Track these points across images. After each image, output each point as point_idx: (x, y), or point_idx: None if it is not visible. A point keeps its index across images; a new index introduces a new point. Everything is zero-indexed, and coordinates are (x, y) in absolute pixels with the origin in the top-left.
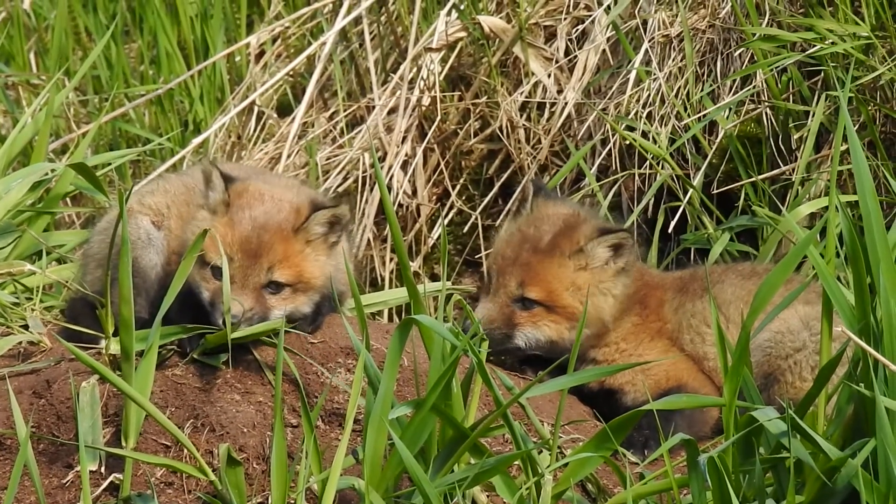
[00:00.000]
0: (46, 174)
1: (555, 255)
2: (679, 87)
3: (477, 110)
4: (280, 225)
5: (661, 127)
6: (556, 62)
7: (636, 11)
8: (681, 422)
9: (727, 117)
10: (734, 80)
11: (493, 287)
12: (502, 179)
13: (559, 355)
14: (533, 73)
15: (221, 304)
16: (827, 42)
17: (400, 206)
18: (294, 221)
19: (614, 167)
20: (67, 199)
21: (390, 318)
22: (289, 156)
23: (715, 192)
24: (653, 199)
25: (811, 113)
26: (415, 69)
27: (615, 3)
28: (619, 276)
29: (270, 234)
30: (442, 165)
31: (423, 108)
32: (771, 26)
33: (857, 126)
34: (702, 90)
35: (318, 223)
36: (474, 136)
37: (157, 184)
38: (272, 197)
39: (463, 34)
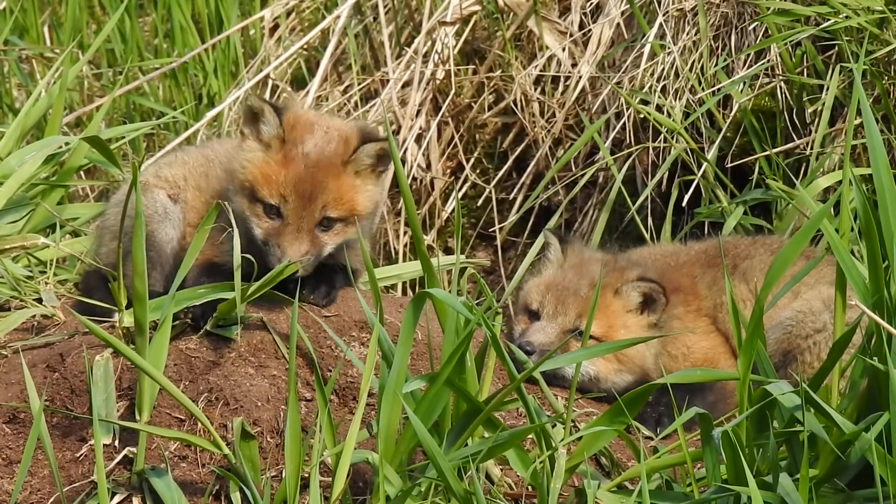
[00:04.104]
0: (60, 147)
1: (607, 292)
2: (693, 61)
3: (491, 84)
4: (331, 160)
5: (675, 101)
6: (571, 36)
7: None
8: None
9: (741, 91)
10: (748, 54)
11: (547, 312)
12: (516, 153)
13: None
14: (547, 47)
15: (276, 247)
16: (841, 16)
17: (414, 179)
18: (343, 154)
19: (628, 141)
20: (81, 173)
21: (404, 292)
22: None
23: (729, 165)
24: (667, 172)
25: (825, 87)
26: (429, 43)
27: None
28: (651, 329)
29: (324, 173)
30: (456, 139)
31: (438, 82)
32: (785, 0)
33: (871, 100)
34: (716, 64)
35: (367, 154)
36: (488, 110)
37: (174, 156)
38: (322, 126)
39: (477, 8)
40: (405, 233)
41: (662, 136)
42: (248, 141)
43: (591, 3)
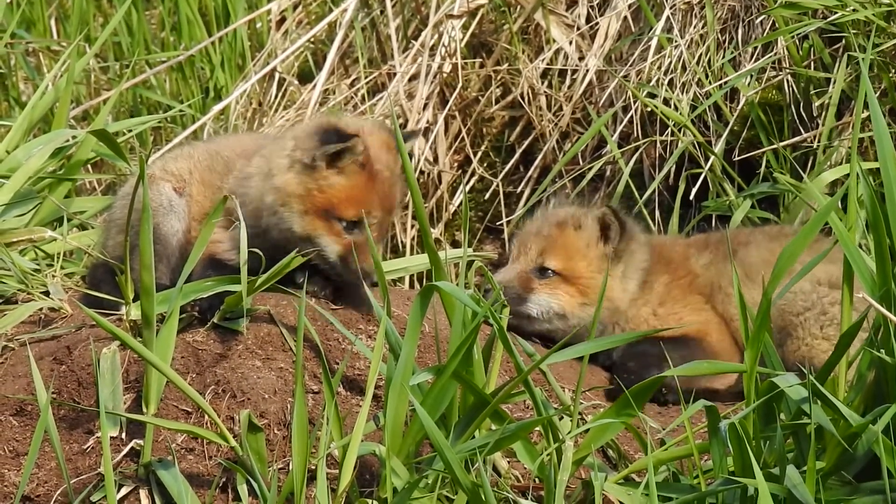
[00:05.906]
0: (67, 141)
1: (569, 228)
2: (700, 54)
3: (498, 77)
4: (393, 170)
5: (682, 94)
6: (578, 29)
7: None
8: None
9: (748, 84)
10: (755, 47)
11: (513, 255)
12: (524, 146)
13: (566, 334)
14: (554, 40)
15: (360, 266)
16: (848, 9)
17: (421, 172)
18: (396, 160)
19: (636, 134)
20: (88, 166)
21: (411, 285)
22: None
23: (736, 159)
24: (674, 166)
25: (832, 80)
26: (436, 36)
27: None
28: (609, 258)
29: (395, 184)
30: (463, 132)
31: (445, 76)
32: None
33: (878, 93)
34: (723, 57)
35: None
36: (496, 104)
37: (181, 149)
38: (367, 133)
39: (484, 1)
40: (413, 226)
41: (670, 129)
42: (322, 170)
43: None
